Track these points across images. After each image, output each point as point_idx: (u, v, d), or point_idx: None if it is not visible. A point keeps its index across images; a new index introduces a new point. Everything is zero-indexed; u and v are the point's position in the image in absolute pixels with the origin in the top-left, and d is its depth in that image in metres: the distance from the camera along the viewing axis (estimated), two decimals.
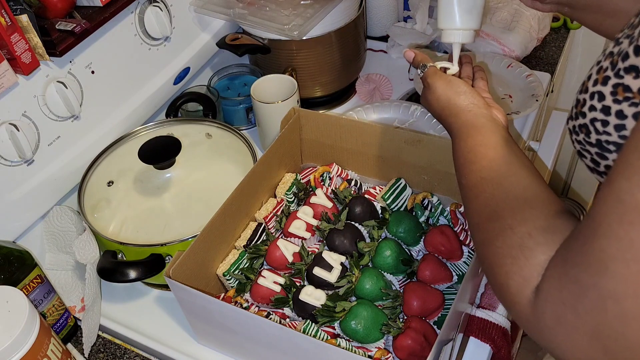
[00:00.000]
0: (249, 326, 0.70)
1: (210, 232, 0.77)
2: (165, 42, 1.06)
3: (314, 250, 0.84)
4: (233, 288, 0.81)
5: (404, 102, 1.11)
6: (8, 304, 0.67)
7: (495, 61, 1.19)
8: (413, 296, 0.76)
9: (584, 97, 0.50)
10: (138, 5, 0.98)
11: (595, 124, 0.48)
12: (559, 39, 1.33)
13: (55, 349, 0.71)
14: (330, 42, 1.10)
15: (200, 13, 1.11)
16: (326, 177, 0.94)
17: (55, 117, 0.90)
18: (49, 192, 0.93)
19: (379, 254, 0.81)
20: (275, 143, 0.89)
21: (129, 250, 0.83)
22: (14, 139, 0.83)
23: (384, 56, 1.32)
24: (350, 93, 1.22)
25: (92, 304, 0.83)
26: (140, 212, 0.95)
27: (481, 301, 0.84)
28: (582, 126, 0.50)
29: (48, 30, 0.85)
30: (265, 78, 1.05)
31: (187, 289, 0.69)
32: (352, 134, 0.92)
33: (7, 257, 0.74)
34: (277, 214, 0.88)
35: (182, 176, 0.98)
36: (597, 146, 0.49)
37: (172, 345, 0.81)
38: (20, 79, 0.83)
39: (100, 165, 0.96)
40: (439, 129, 1.04)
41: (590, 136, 0.49)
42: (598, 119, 0.48)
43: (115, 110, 1.00)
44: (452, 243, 0.81)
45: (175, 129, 1.01)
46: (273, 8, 1.07)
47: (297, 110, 0.93)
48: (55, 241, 0.94)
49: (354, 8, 1.12)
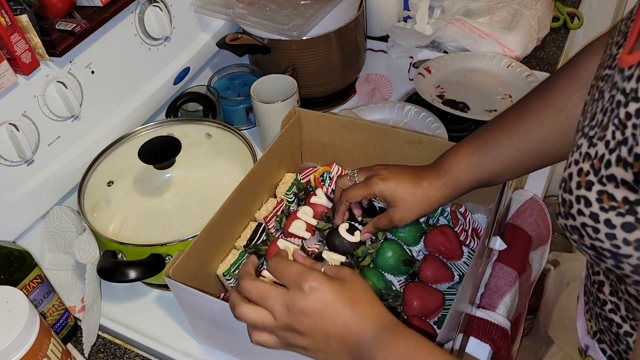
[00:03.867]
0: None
1: (210, 232, 0.77)
2: (165, 42, 1.06)
3: (314, 250, 0.84)
4: (233, 288, 0.81)
5: (397, 103, 1.11)
6: (8, 304, 0.67)
7: (495, 61, 1.19)
8: (413, 296, 0.76)
9: (570, 199, 0.49)
10: (138, 5, 0.98)
11: (587, 229, 0.48)
12: (559, 39, 1.33)
13: (55, 349, 0.71)
14: (330, 42, 1.10)
15: (200, 13, 1.11)
16: (326, 177, 0.93)
17: (55, 117, 0.90)
18: (49, 192, 0.93)
19: (380, 255, 0.81)
20: (275, 143, 0.89)
21: (129, 250, 0.83)
22: (14, 139, 0.83)
23: (384, 56, 1.32)
24: (350, 93, 1.23)
25: (92, 304, 0.83)
26: (140, 212, 0.95)
27: (481, 301, 0.84)
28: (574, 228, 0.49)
29: (48, 30, 0.85)
30: (265, 78, 1.05)
31: (187, 289, 0.69)
32: (352, 134, 0.91)
33: (7, 257, 0.74)
34: (277, 214, 0.88)
35: (182, 176, 0.99)
36: (593, 250, 0.48)
37: (172, 345, 0.81)
38: (20, 79, 0.83)
39: (100, 165, 0.95)
40: (432, 128, 1.04)
41: (584, 239, 0.49)
42: (588, 225, 0.47)
43: (115, 110, 1.00)
44: (452, 243, 0.81)
45: (175, 129, 1.01)
46: (273, 8, 1.07)
47: (297, 110, 0.93)
48: (55, 241, 0.94)
49: (354, 8, 1.12)
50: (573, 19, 1.39)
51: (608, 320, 0.62)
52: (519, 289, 0.87)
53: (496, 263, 0.87)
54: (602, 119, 0.48)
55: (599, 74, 0.54)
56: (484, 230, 0.76)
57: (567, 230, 0.50)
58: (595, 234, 0.47)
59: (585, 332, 0.71)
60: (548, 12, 1.30)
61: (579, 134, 0.51)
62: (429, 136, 0.89)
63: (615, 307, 0.60)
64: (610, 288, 0.60)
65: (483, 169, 0.71)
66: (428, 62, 1.21)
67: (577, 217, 0.48)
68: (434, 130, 1.03)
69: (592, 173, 0.47)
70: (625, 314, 0.59)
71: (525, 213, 0.94)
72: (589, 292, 0.67)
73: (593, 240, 0.47)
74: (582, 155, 0.49)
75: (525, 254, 0.90)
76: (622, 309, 0.60)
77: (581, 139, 0.50)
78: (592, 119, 0.50)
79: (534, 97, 0.69)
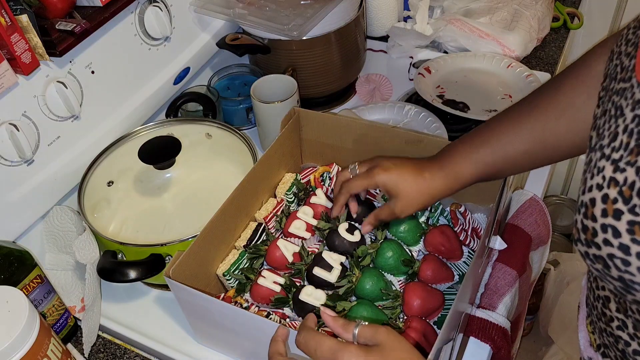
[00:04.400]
0: (249, 326, 0.70)
1: (210, 232, 0.77)
2: (165, 42, 1.06)
3: (314, 250, 0.84)
4: (233, 288, 0.81)
5: (397, 103, 1.11)
6: (8, 304, 0.67)
7: (495, 61, 1.19)
8: (413, 296, 0.76)
9: (593, 226, 0.46)
10: (138, 5, 0.98)
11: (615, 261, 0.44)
12: (559, 39, 1.33)
13: (55, 349, 0.71)
14: (330, 42, 1.10)
15: (200, 13, 1.11)
16: (326, 177, 0.94)
17: (55, 117, 0.90)
18: (49, 192, 0.93)
19: (380, 255, 0.81)
20: (275, 143, 0.89)
21: (129, 250, 0.83)
22: (14, 139, 0.83)
23: (384, 56, 1.32)
24: (350, 93, 1.23)
25: (92, 304, 0.83)
26: (140, 212, 0.95)
27: (481, 301, 0.84)
28: (597, 257, 0.46)
29: (48, 30, 0.85)
30: (265, 78, 1.05)
31: (187, 289, 0.69)
32: (352, 134, 0.91)
33: (7, 257, 0.74)
34: (277, 214, 0.88)
35: (182, 176, 0.99)
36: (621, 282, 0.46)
37: (172, 345, 0.81)
38: (20, 79, 0.83)
39: (100, 165, 0.95)
40: (432, 128, 1.04)
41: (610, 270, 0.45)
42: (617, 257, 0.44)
43: (115, 110, 1.00)
44: (452, 243, 0.81)
45: (175, 129, 1.01)
46: (273, 8, 1.07)
47: (297, 110, 0.93)
48: (55, 241, 0.94)
49: (354, 8, 1.12)
50: (573, 19, 1.39)
51: (614, 337, 0.60)
52: (519, 289, 0.87)
53: (496, 263, 0.87)
54: (627, 141, 0.45)
55: (612, 87, 0.51)
56: (484, 230, 0.76)
57: (589, 258, 0.47)
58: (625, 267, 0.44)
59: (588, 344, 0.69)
60: (548, 12, 1.30)
61: (597, 154, 0.48)
62: (429, 136, 0.89)
63: (623, 325, 0.58)
64: (617, 305, 0.58)
65: (486, 162, 0.71)
66: (428, 62, 1.21)
67: (603, 247, 0.45)
68: (434, 130, 1.03)
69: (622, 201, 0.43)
70: (633, 332, 0.57)
71: (525, 213, 0.94)
72: (592, 306, 0.65)
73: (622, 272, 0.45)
74: (606, 180, 0.45)
75: (525, 254, 0.90)
76: (629, 327, 0.57)
77: (602, 161, 0.47)
78: (613, 139, 0.47)
79: (542, 93, 0.68)
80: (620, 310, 0.58)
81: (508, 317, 0.83)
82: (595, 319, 0.64)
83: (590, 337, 0.68)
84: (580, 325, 0.71)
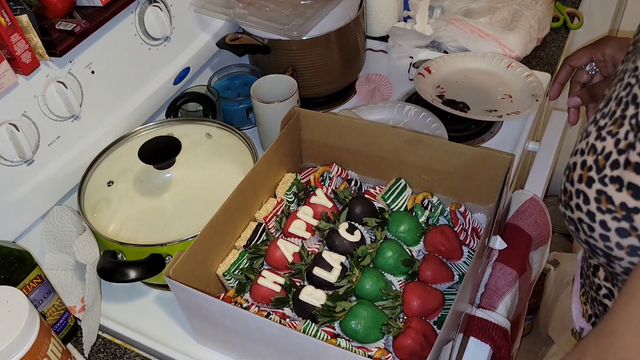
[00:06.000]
0: (249, 326, 0.70)
1: (210, 232, 0.77)
2: (165, 42, 1.06)
3: (314, 250, 0.84)
4: (233, 288, 0.81)
5: (397, 103, 1.11)
6: (8, 304, 0.67)
7: (495, 61, 1.19)
8: (413, 296, 0.76)
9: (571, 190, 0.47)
10: (138, 5, 0.98)
11: (582, 225, 0.46)
12: (559, 39, 1.33)
13: (55, 349, 0.71)
14: (330, 42, 1.10)
15: (200, 13, 1.11)
16: (326, 177, 0.94)
17: (55, 117, 0.90)
18: (49, 192, 0.93)
19: (380, 255, 0.81)
20: (275, 143, 0.89)
21: (129, 250, 0.83)
22: (14, 139, 0.83)
23: (384, 56, 1.32)
24: (350, 93, 1.23)
25: (92, 304, 0.83)
26: (140, 212, 0.95)
27: (481, 301, 0.84)
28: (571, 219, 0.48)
29: (48, 30, 0.85)
30: (265, 78, 1.05)
31: (187, 289, 0.69)
32: (352, 134, 0.92)
33: (7, 257, 0.74)
34: (277, 214, 0.88)
35: (182, 176, 0.99)
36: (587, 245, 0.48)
37: (172, 345, 0.81)
38: (20, 79, 0.83)
39: (100, 165, 0.96)
40: (432, 128, 1.04)
41: (579, 234, 0.48)
42: (584, 221, 0.46)
43: (115, 110, 1.00)
44: (452, 243, 0.81)
45: (175, 129, 1.01)
46: (273, 8, 1.07)
47: (297, 110, 0.93)
48: (55, 241, 0.94)
49: (354, 8, 1.12)
50: (573, 19, 1.39)
51: (603, 305, 0.61)
52: (519, 289, 0.87)
53: (496, 263, 0.87)
54: (615, 109, 0.45)
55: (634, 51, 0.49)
56: (484, 230, 0.76)
57: (565, 219, 0.49)
58: (590, 232, 0.46)
59: (580, 315, 0.69)
60: (548, 12, 1.30)
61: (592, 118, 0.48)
62: (429, 136, 0.89)
63: (609, 293, 0.59)
64: (605, 273, 0.59)
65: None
66: (428, 62, 1.21)
67: (575, 211, 0.47)
68: (434, 130, 1.03)
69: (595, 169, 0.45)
70: None
71: (525, 213, 0.94)
72: (585, 275, 0.65)
73: (587, 237, 0.47)
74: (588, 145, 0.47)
75: (525, 254, 0.90)
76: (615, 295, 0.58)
77: (591, 126, 0.48)
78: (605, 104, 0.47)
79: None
80: (607, 279, 0.59)
81: (508, 317, 0.83)
82: (587, 288, 0.65)
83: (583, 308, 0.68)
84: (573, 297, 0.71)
